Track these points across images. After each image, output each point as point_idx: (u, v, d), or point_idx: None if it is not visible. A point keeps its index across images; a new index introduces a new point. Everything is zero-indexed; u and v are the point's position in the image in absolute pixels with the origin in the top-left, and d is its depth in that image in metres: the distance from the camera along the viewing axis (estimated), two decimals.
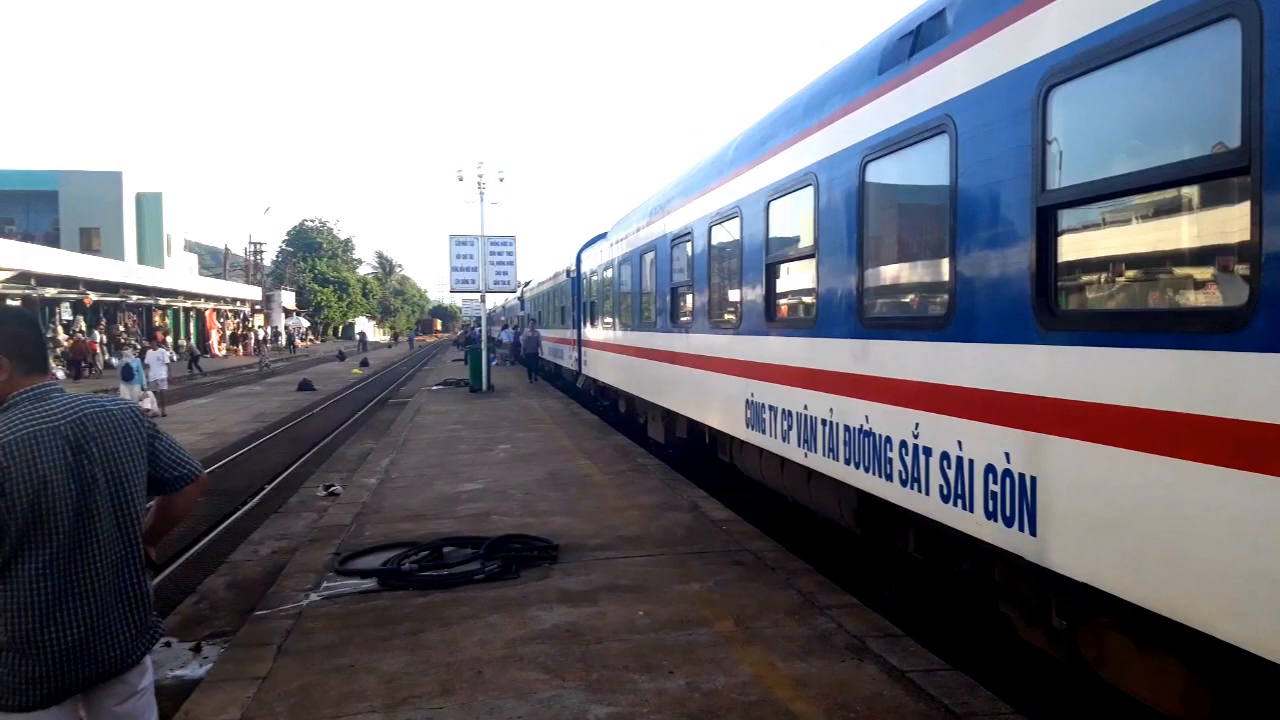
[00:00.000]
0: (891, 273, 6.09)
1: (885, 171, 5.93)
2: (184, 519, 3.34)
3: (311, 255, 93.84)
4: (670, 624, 5.65)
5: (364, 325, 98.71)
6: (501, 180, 26.76)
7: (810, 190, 6.87)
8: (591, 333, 20.06)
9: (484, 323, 28.29)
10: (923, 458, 5.25)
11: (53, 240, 49.14)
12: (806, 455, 6.97)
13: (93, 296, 39.28)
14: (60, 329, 36.36)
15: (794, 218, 7.48)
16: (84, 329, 37.98)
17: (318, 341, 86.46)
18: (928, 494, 5.20)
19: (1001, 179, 4.58)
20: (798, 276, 7.65)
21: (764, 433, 7.92)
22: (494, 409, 20.34)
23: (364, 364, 46.72)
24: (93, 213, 53.92)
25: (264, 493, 12.62)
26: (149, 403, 19.73)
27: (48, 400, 2.82)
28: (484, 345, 26.78)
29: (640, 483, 10.62)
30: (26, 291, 33.58)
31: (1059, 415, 4.12)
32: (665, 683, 4.74)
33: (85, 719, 2.95)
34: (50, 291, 35.83)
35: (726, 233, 9.20)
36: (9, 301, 32.46)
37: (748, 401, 8.32)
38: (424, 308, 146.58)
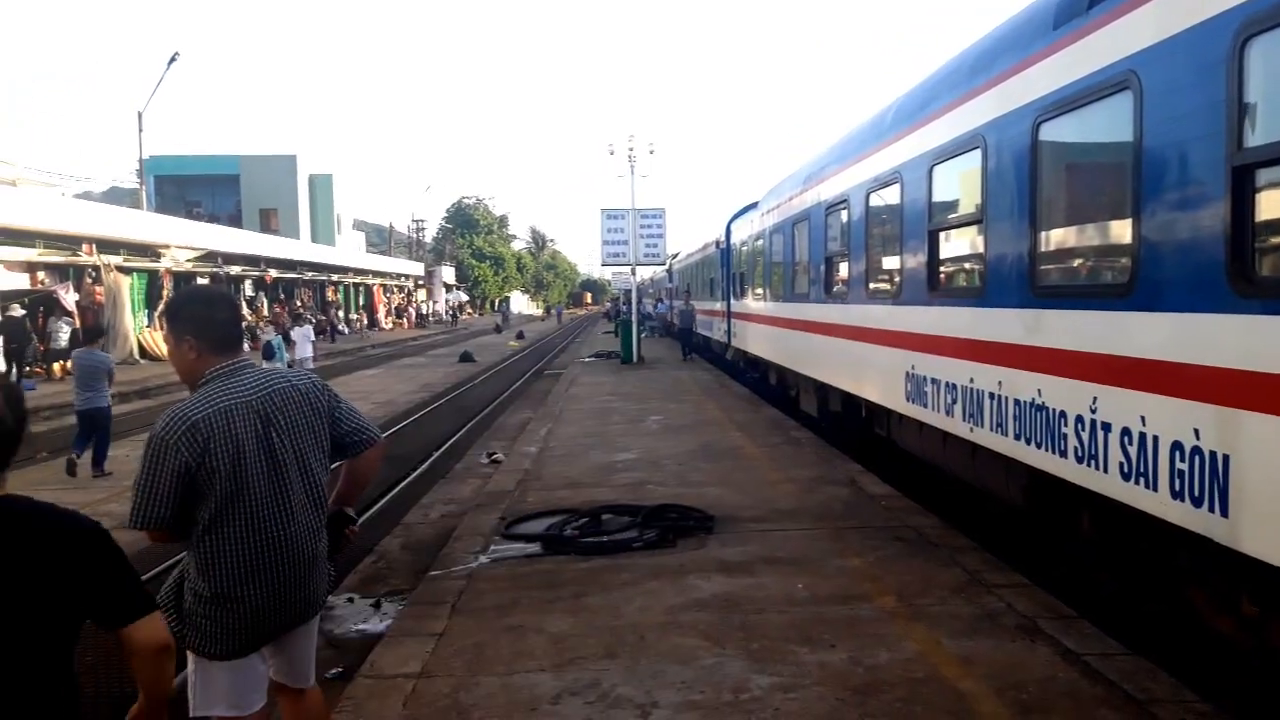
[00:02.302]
0: (1067, 239, 5.80)
1: (1060, 131, 5.64)
2: (370, 480, 3.55)
3: (469, 231, 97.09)
4: (830, 598, 5.63)
5: (518, 299, 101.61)
6: (652, 153, 26.99)
7: (978, 153, 6.60)
8: (741, 304, 19.99)
9: (634, 296, 28.62)
10: (1101, 433, 5.00)
11: (235, 221, 52.84)
12: (972, 430, 6.76)
13: (273, 274, 42.02)
14: (244, 304, 39.05)
15: (960, 182, 7.22)
16: (265, 305, 40.73)
17: (475, 315, 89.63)
18: (1106, 471, 4.96)
19: (1192, 137, 4.28)
20: (963, 244, 7.40)
21: (925, 406, 7.72)
22: (645, 381, 20.61)
23: (519, 336, 48.21)
24: (270, 194, 57.58)
25: (432, 459, 13.25)
26: None
27: (239, 376, 3.02)
28: (634, 318, 27.13)
29: (794, 456, 10.56)
30: (214, 269, 36.24)
31: (1257, 389, 3.84)
32: (827, 656, 4.73)
33: (268, 658, 3.21)
34: (235, 269, 38.53)
35: (885, 199, 8.97)
36: (199, 279, 35.17)
37: (908, 374, 8.12)
38: (575, 281, 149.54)
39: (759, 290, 17.37)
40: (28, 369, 22.86)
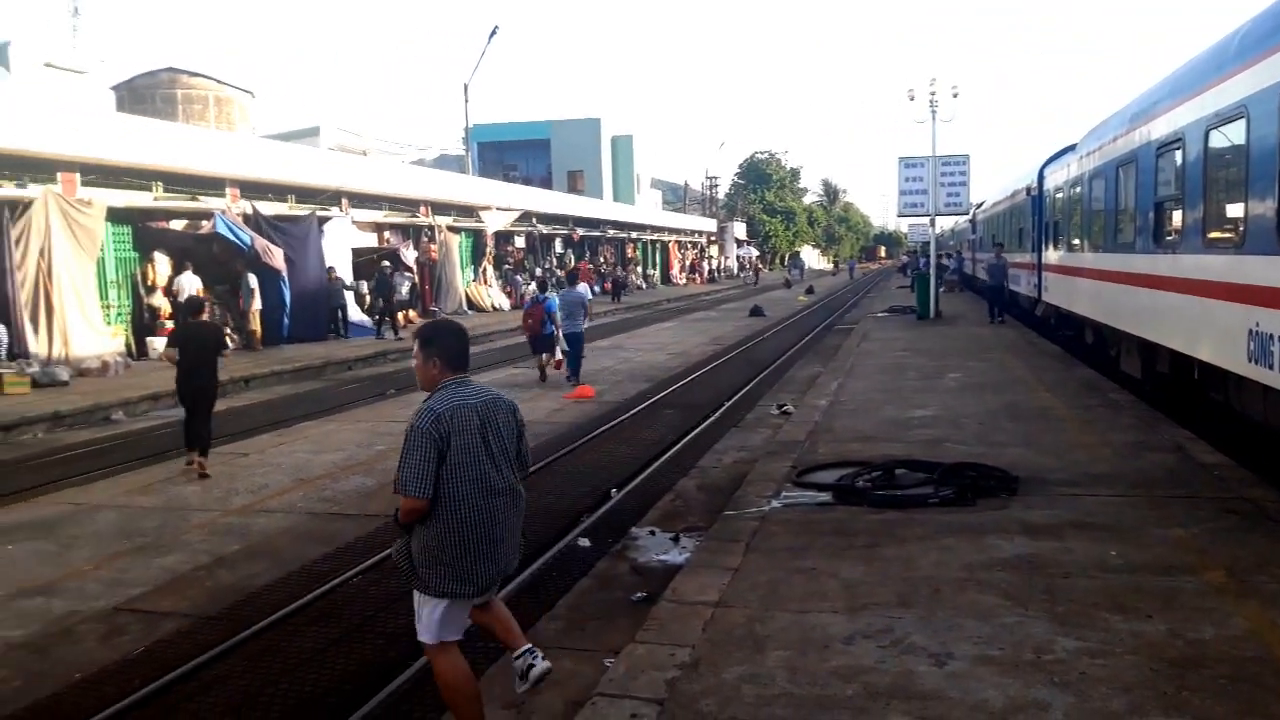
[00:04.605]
0: None
1: None
2: None
3: (761, 186, 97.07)
4: (1147, 567, 5.26)
5: (808, 254, 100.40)
6: (955, 96, 25.42)
7: None
8: (1053, 255, 18.59)
9: (932, 247, 27.46)
10: None
11: (546, 183, 56.42)
12: None
13: (580, 232, 44.58)
14: (554, 261, 41.76)
15: None
16: (571, 262, 43.26)
17: (765, 270, 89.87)
18: None
19: None
20: None
21: (1271, 368, 6.89)
22: (942, 337, 19.83)
23: (809, 291, 47.85)
24: (577, 157, 60.93)
25: (724, 408, 13.64)
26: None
27: (466, 387, 3.91)
28: (932, 271, 26.05)
29: (1111, 419, 9.80)
30: (528, 229, 39.06)
31: None
32: (1141, 625, 4.46)
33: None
34: (545, 229, 41.30)
35: (1228, 137, 8.00)
36: (516, 238, 38.15)
37: (1251, 331, 7.26)
38: (867, 234, 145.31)
39: (1075, 240, 16.07)
40: (375, 318, 25.98)
